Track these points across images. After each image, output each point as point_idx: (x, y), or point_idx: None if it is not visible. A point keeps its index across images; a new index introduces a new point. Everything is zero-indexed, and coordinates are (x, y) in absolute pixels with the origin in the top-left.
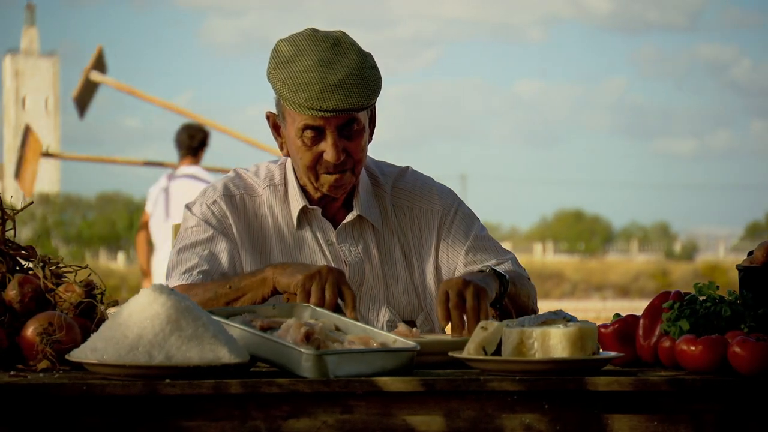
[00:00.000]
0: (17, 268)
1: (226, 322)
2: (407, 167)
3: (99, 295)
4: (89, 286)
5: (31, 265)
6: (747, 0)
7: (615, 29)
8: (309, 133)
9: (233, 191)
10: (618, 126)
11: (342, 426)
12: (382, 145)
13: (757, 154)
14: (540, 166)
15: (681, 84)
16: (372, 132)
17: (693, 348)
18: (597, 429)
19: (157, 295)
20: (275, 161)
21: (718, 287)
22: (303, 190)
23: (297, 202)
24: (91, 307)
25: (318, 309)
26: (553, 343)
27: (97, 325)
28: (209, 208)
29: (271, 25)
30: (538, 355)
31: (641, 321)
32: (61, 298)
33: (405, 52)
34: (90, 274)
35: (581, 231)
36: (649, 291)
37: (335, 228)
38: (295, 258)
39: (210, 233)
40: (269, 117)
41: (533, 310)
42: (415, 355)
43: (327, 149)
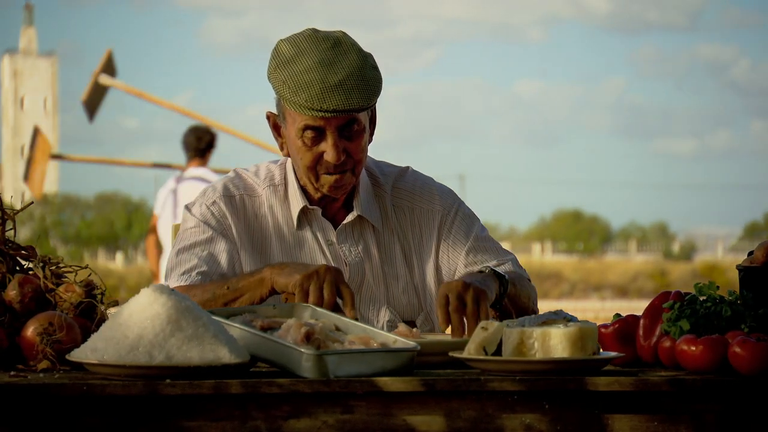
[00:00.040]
0: (17, 268)
1: (226, 322)
2: (407, 167)
3: (99, 295)
4: (89, 286)
5: (31, 265)
6: (747, 0)
7: (615, 29)
8: (309, 134)
9: (233, 192)
10: (617, 126)
11: (342, 426)
12: (381, 145)
13: (757, 154)
14: (539, 166)
15: (681, 84)
16: (372, 132)
17: (693, 348)
18: (597, 429)
19: (158, 295)
20: (275, 161)
21: (718, 287)
22: (303, 190)
23: (297, 202)
24: (92, 307)
25: (318, 309)
26: (554, 343)
27: (98, 326)
28: (209, 208)
29: (271, 25)
30: (538, 355)
31: (641, 321)
32: (62, 298)
33: (405, 52)
34: (90, 274)
35: (580, 231)
36: (648, 291)
37: (335, 228)
38: (296, 258)
39: (209, 234)
40: (269, 117)
41: (533, 311)
42: (416, 355)
43: (327, 150)
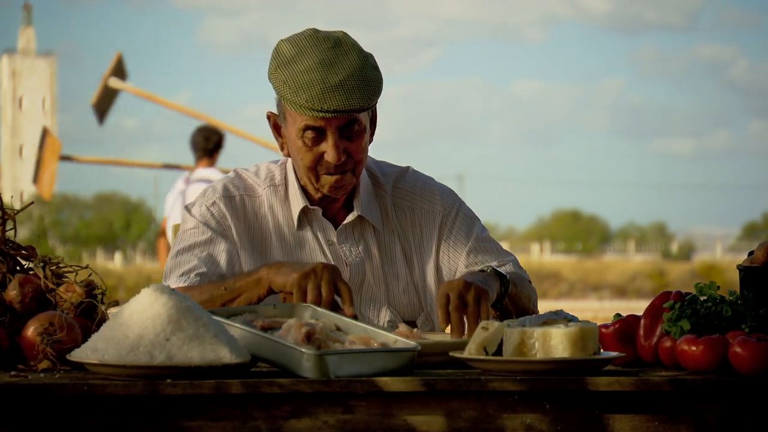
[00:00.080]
0: (18, 268)
1: (227, 322)
2: (408, 167)
3: (100, 295)
4: (90, 286)
5: (32, 265)
6: (746, 0)
7: (614, 29)
8: (310, 134)
9: (233, 192)
10: (616, 126)
11: (343, 426)
12: (381, 145)
13: (756, 154)
14: (538, 165)
15: (680, 84)
16: (373, 133)
17: (694, 348)
18: (598, 429)
19: (158, 295)
20: (276, 161)
21: (719, 287)
22: (303, 190)
23: (297, 202)
24: (92, 307)
25: (318, 309)
26: (554, 343)
27: (98, 325)
28: (208, 209)
29: (271, 25)
30: (539, 355)
31: (642, 321)
32: (62, 298)
33: (404, 52)
34: (90, 274)
35: (578, 231)
36: (646, 291)
37: (336, 228)
38: (296, 258)
39: (209, 235)
40: (270, 117)
41: (533, 312)
42: (416, 355)
43: (328, 150)
